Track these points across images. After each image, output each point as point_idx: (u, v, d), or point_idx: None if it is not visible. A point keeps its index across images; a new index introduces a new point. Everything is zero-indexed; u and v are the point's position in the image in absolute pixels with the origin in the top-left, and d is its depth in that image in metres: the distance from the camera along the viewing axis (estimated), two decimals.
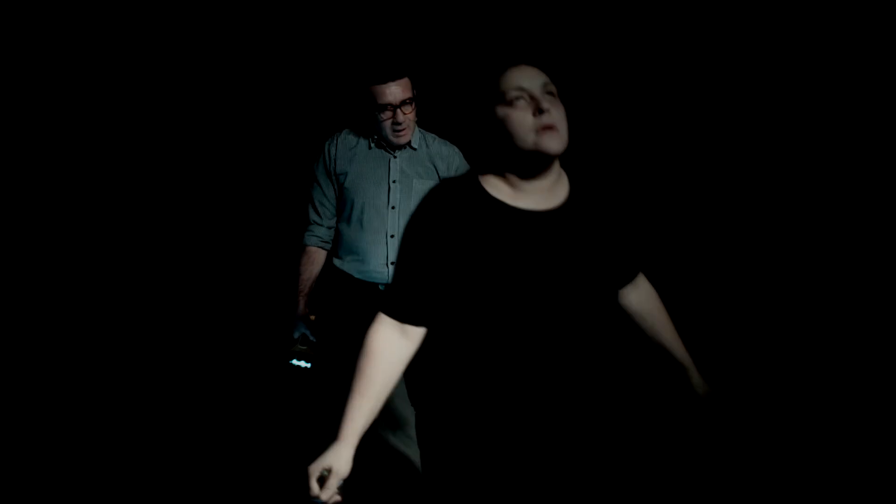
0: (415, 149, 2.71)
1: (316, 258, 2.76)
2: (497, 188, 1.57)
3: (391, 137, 2.63)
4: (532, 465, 1.60)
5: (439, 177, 2.72)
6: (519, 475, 1.60)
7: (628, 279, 1.78)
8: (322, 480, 1.50)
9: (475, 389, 1.59)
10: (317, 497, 1.49)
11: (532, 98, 1.52)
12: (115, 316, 3.69)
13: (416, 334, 1.59)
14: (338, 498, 1.51)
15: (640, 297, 1.82)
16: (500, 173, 1.58)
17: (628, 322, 1.82)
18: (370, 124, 2.68)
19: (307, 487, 1.50)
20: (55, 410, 3.37)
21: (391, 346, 1.58)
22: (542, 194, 1.57)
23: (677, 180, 3.51)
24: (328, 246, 2.77)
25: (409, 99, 2.61)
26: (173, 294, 3.72)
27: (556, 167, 1.59)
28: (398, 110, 2.58)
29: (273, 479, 3.02)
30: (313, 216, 2.75)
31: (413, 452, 2.63)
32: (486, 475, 1.59)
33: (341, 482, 1.52)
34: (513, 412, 1.59)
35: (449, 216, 1.54)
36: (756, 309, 3.41)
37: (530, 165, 1.54)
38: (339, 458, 1.51)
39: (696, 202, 3.51)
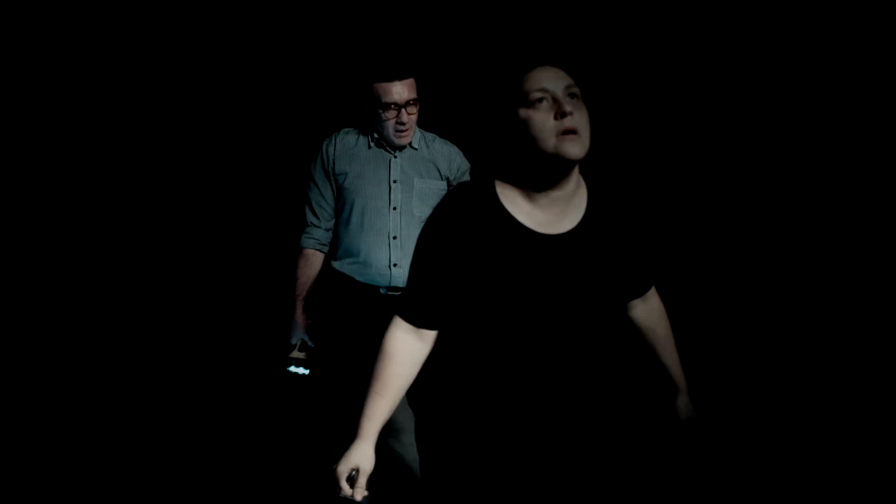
0: (415, 148, 2.72)
1: (313, 261, 2.73)
2: (513, 201, 1.58)
3: (393, 137, 2.61)
4: (531, 473, 1.63)
5: (441, 176, 2.73)
6: (517, 482, 1.63)
7: (638, 294, 1.81)
8: (351, 480, 1.56)
9: (476, 396, 1.64)
10: (350, 496, 1.56)
11: (555, 100, 1.51)
12: (109, 320, 3.66)
13: (431, 337, 1.65)
14: (366, 493, 1.58)
15: (647, 312, 1.84)
16: (518, 181, 1.59)
17: (633, 332, 1.86)
18: (371, 123, 2.67)
19: (337, 489, 1.56)
20: (51, 414, 3.37)
21: (408, 349, 1.63)
22: (559, 207, 1.58)
23: (698, 187, 3.49)
24: (326, 248, 2.75)
25: (414, 99, 2.61)
26: (166, 299, 3.69)
27: (576, 175, 1.59)
28: (402, 110, 2.58)
29: (269, 489, 2.98)
30: (311, 218, 2.72)
31: (411, 457, 2.64)
32: (484, 482, 1.62)
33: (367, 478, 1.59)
34: (512, 420, 1.63)
35: (464, 228, 1.57)
36: (764, 317, 3.44)
37: (549, 170, 1.54)
38: (364, 456, 1.58)
39: (713, 210, 3.51)
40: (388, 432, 2.61)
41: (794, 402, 3.26)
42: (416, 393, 2.58)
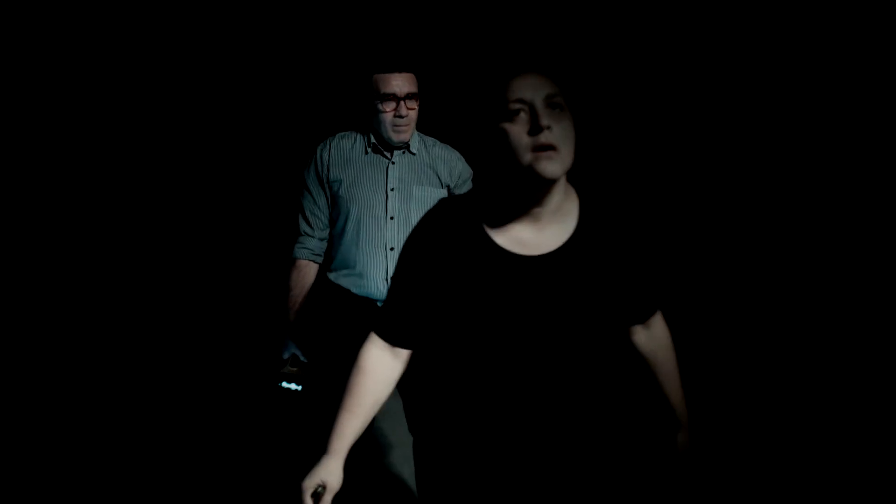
0: (414, 153, 2.67)
1: (307, 272, 2.69)
2: (494, 219, 1.54)
3: (391, 133, 2.57)
4: (523, 493, 1.61)
5: (441, 183, 2.68)
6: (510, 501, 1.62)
7: (640, 320, 1.74)
8: (316, 497, 1.55)
9: (468, 416, 1.63)
10: None
11: (533, 111, 1.42)
12: (101, 328, 3.63)
13: (405, 356, 1.66)
14: None
15: (649, 340, 1.77)
16: (501, 196, 1.53)
17: (636, 358, 1.80)
18: (368, 120, 2.63)
19: None
20: (44, 417, 3.39)
21: (382, 366, 1.63)
22: (542, 223, 1.52)
23: (705, 199, 3.39)
24: (320, 259, 2.72)
25: (414, 94, 2.58)
26: (153, 312, 3.68)
27: (561, 188, 1.52)
28: (402, 103, 2.54)
29: None
30: (304, 227, 2.68)
31: (408, 474, 2.58)
32: (479, 499, 1.61)
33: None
34: (504, 439, 1.61)
35: (441, 249, 1.55)
36: (772, 335, 3.37)
37: (527, 187, 1.47)
38: (331, 473, 1.57)
39: (721, 225, 3.43)
40: (381, 452, 2.56)
41: (789, 428, 3.19)
42: (415, 407, 2.55)
